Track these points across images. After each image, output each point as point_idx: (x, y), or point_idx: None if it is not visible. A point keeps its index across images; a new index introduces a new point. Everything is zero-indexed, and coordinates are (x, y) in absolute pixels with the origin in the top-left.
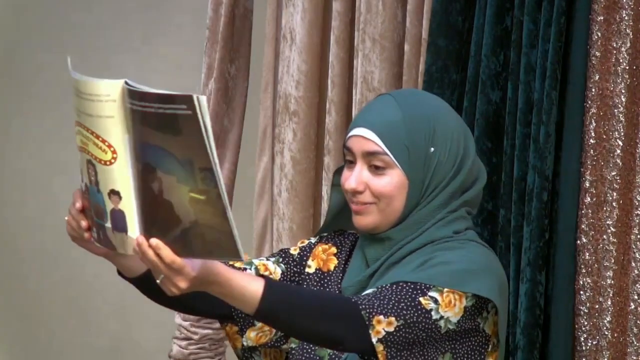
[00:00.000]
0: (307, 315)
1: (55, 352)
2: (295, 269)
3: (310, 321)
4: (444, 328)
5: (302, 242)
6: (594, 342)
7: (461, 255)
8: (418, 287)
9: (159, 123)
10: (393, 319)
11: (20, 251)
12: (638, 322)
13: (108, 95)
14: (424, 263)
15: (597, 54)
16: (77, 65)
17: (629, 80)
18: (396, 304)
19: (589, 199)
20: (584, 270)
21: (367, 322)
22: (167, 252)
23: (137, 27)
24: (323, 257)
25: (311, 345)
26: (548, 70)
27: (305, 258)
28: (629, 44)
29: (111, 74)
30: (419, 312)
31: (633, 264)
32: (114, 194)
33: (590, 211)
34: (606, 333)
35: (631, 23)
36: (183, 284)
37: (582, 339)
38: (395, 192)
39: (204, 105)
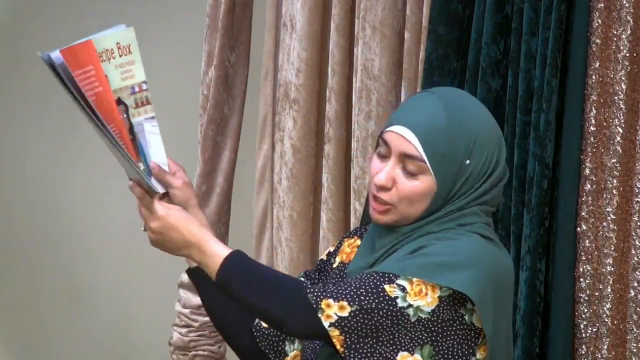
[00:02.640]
0: (256, 291)
1: (56, 339)
2: (325, 272)
3: (257, 297)
4: (413, 316)
5: (333, 246)
6: (594, 329)
7: (446, 246)
8: (386, 275)
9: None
10: (345, 303)
11: (21, 241)
12: (638, 309)
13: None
14: (413, 252)
15: (598, 41)
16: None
17: (629, 68)
18: (354, 290)
19: (589, 186)
20: (584, 258)
21: (313, 305)
22: (138, 190)
23: (136, 14)
24: (347, 251)
25: None
26: (548, 57)
27: (334, 257)
28: (629, 31)
29: None
30: (380, 298)
31: (633, 251)
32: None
33: (590, 198)
34: (606, 320)
35: (631, 10)
36: (153, 224)
37: (582, 326)
38: (421, 197)
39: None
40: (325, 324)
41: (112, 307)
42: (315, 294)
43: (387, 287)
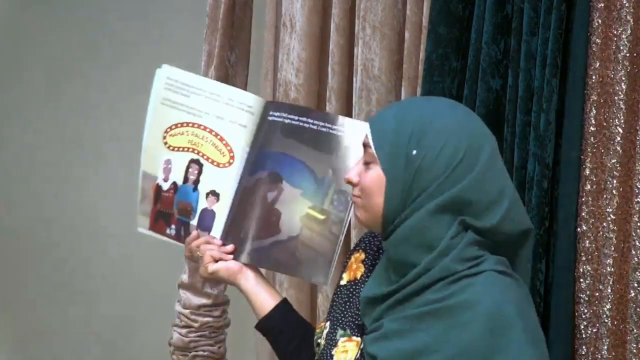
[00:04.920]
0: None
1: (56, 339)
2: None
3: None
4: None
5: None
6: (594, 330)
7: (472, 326)
8: None
9: (313, 139)
10: None
11: (21, 240)
12: (638, 309)
13: (251, 107)
14: (428, 314)
15: (598, 41)
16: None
17: (629, 68)
18: None
19: (589, 186)
20: (584, 258)
21: None
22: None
23: (136, 14)
24: (354, 267)
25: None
26: (548, 57)
27: (342, 272)
28: (629, 31)
29: (110, 62)
30: None
31: (633, 252)
32: (214, 194)
33: (590, 199)
34: (606, 321)
35: (632, 10)
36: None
37: (582, 326)
38: (373, 187)
39: (364, 133)
40: None
41: (112, 307)
42: None
43: None
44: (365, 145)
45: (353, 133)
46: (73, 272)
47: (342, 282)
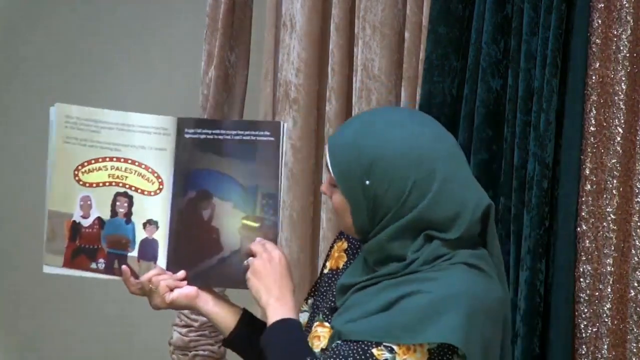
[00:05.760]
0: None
1: (56, 338)
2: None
3: None
4: None
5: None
6: (594, 329)
7: (424, 296)
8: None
9: (231, 149)
10: None
11: (20, 240)
12: (638, 309)
13: (166, 129)
14: (393, 302)
15: (598, 41)
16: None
17: (629, 68)
18: (343, 358)
19: (589, 186)
20: (584, 258)
21: None
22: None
23: (136, 14)
24: (336, 256)
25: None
26: (548, 57)
27: (326, 261)
28: (629, 31)
29: (111, 62)
30: None
31: (633, 251)
32: (151, 223)
33: (590, 199)
34: (606, 320)
35: (632, 10)
36: (276, 251)
37: (582, 326)
38: (340, 209)
39: (286, 131)
40: None
41: (112, 307)
42: None
43: (375, 350)
44: (327, 167)
45: (268, 134)
46: None
47: (325, 271)
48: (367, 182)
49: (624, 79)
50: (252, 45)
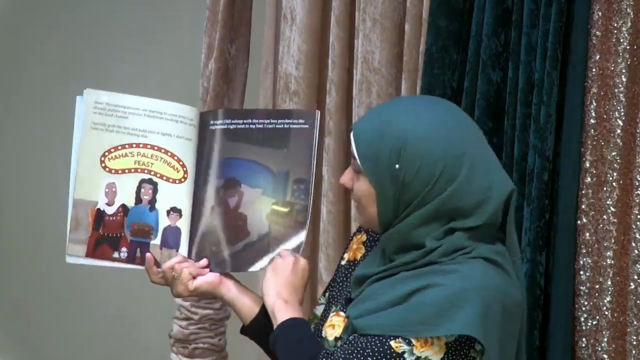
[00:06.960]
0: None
1: (56, 337)
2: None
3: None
4: None
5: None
6: (594, 322)
7: (442, 288)
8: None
9: (263, 137)
10: None
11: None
12: (638, 301)
13: (192, 120)
14: (411, 294)
15: (598, 33)
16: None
17: (629, 60)
18: (361, 352)
19: (589, 179)
20: (584, 251)
21: None
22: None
23: (137, 7)
24: (354, 247)
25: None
26: (549, 50)
27: (344, 253)
28: (629, 24)
29: (112, 55)
30: (388, 356)
31: (633, 244)
32: (175, 211)
33: (590, 191)
34: (606, 313)
35: (632, 2)
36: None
37: (582, 318)
38: (364, 198)
39: (318, 119)
40: None
41: (112, 300)
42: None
43: (393, 343)
44: (352, 155)
45: (302, 122)
46: (73, 267)
47: (342, 262)
48: (397, 166)
49: (624, 71)
50: (252, 38)
